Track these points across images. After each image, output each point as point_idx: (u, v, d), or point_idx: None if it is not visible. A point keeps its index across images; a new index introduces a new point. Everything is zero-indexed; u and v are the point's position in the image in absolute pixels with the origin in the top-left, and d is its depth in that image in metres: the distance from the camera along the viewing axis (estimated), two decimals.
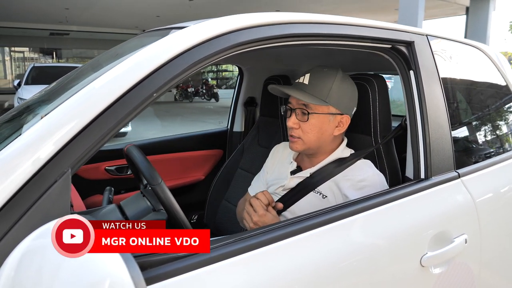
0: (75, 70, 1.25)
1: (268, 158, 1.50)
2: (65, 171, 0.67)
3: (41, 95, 1.22)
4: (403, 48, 1.17)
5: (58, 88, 1.12)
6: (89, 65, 1.32)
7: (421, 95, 1.16)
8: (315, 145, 1.22)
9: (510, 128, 1.56)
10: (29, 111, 1.07)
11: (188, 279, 0.69)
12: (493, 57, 1.53)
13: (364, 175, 1.17)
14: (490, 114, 1.55)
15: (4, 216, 0.62)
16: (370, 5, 11.22)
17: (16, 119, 1.09)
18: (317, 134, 1.19)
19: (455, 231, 1.09)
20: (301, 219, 0.91)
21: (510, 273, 1.30)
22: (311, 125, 1.18)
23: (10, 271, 0.56)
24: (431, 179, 1.12)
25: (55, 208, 0.66)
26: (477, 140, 1.44)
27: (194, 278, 0.70)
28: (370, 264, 0.94)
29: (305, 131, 1.19)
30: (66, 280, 0.51)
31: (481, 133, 1.48)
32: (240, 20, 0.89)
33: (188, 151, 2.26)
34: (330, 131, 1.21)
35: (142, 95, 0.75)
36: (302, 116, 1.19)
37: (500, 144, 1.52)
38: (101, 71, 0.85)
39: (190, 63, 0.80)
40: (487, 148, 1.47)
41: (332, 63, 1.93)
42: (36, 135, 0.67)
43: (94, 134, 0.70)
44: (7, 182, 0.63)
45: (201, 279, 0.71)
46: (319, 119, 1.18)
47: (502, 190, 1.30)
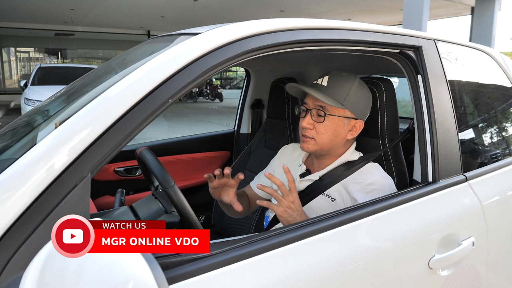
0: (87, 75, 1.27)
1: (275, 156, 1.51)
2: (85, 175, 0.70)
3: (55, 99, 1.24)
4: (411, 52, 1.19)
5: (72, 92, 1.14)
6: (101, 70, 1.34)
7: (428, 99, 1.17)
8: (327, 147, 1.23)
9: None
10: (44, 116, 1.09)
11: (206, 279, 0.71)
12: (500, 60, 1.54)
13: (373, 178, 1.19)
14: (497, 117, 1.56)
15: (27, 219, 0.65)
16: (374, 5, 11.20)
17: (32, 123, 1.11)
18: (330, 136, 1.20)
19: (463, 234, 1.10)
20: (311, 222, 0.93)
21: None
22: (326, 126, 1.19)
23: (35, 273, 0.58)
24: (439, 183, 1.14)
25: (76, 211, 0.68)
26: (484, 143, 1.45)
27: (212, 279, 0.72)
28: (379, 266, 0.95)
29: (319, 132, 1.20)
30: (91, 281, 0.53)
31: (488, 136, 1.49)
32: (251, 26, 0.90)
33: (195, 152, 2.28)
34: (343, 135, 1.22)
35: (158, 101, 0.77)
36: (318, 117, 1.20)
37: (507, 147, 1.53)
38: (116, 77, 0.88)
39: (204, 70, 0.82)
40: (493, 151, 1.48)
41: (338, 65, 1.96)
42: (57, 141, 0.69)
43: (113, 139, 0.72)
44: (30, 185, 0.66)
45: (218, 280, 0.74)
46: (334, 121, 1.19)
47: (508, 193, 1.31)
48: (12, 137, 1.06)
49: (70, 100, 1.02)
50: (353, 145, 1.30)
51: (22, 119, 1.26)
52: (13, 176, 0.67)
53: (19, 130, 1.10)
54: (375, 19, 13.39)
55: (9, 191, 0.65)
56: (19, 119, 1.24)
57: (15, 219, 0.65)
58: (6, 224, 0.64)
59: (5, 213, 0.64)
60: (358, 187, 1.18)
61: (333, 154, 1.26)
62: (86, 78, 1.24)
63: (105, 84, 0.85)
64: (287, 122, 1.99)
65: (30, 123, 1.13)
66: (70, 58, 17.18)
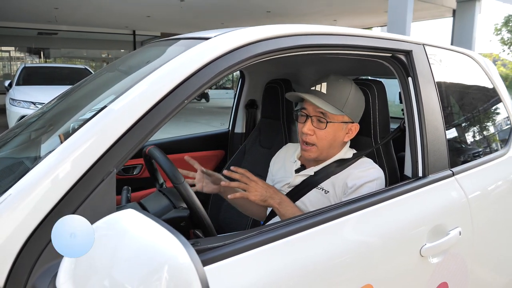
0: (95, 76, 1.31)
1: (273, 157, 1.57)
2: (111, 170, 0.75)
3: (70, 98, 1.27)
4: (402, 56, 1.27)
5: (88, 92, 1.18)
6: (110, 71, 1.39)
7: (418, 100, 1.26)
8: (326, 151, 1.30)
9: (498, 129, 1.68)
10: (66, 114, 1.13)
11: (235, 262, 0.79)
12: (482, 63, 1.64)
13: (364, 168, 1.27)
14: (480, 116, 1.66)
15: (59, 211, 0.70)
16: (359, 7, 11.37)
17: (54, 122, 1.14)
18: (330, 141, 1.28)
19: (450, 224, 1.19)
20: (308, 216, 0.98)
21: (499, 262, 1.41)
22: (327, 133, 1.26)
23: (70, 262, 0.63)
24: (428, 177, 1.22)
25: (103, 204, 0.74)
26: (468, 140, 1.55)
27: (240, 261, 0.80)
28: (376, 255, 1.03)
29: (320, 138, 1.27)
30: (127, 265, 0.59)
31: (472, 134, 1.59)
32: (258, 32, 0.97)
33: (190, 152, 2.33)
34: (341, 138, 1.30)
35: (176, 101, 0.83)
36: (318, 123, 1.26)
37: (489, 144, 1.64)
38: (132, 78, 0.93)
39: (216, 72, 0.88)
40: (477, 148, 1.58)
41: (332, 67, 2.04)
42: (86, 138, 0.75)
43: (135, 137, 0.78)
44: (62, 181, 0.71)
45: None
46: (334, 127, 1.26)
47: (491, 186, 1.41)
48: (35, 133, 1.11)
49: (89, 99, 1.07)
50: (348, 144, 1.37)
51: (40, 117, 1.29)
52: (45, 171, 0.72)
53: (40, 128, 1.15)
54: (360, 21, 13.59)
55: (41, 185, 0.70)
56: (38, 116, 1.27)
57: (49, 211, 0.70)
58: (41, 215, 0.69)
59: (40, 206, 0.69)
60: (352, 176, 1.25)
61: (329, 156, 1.33)
62: (95, 79, 1.28)
63: (123, 85, 0.90)
64: (282, 121, 2.06)
65: (52, 121, 1.18)
66: (53, 57, 16.90)
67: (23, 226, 0.68)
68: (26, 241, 0.68)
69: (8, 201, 0.69)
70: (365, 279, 0.98)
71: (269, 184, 1.24)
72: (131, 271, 0.60)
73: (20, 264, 0.67)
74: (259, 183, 1.20)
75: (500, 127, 1.67)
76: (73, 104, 1.19)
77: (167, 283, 0.57)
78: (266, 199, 1.19)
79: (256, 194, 1.18)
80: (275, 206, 1.21)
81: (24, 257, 0.68)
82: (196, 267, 0.56)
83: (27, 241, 0.68)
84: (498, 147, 1.60)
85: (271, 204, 1.21)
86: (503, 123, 1.67)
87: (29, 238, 0.68)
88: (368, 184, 1.21)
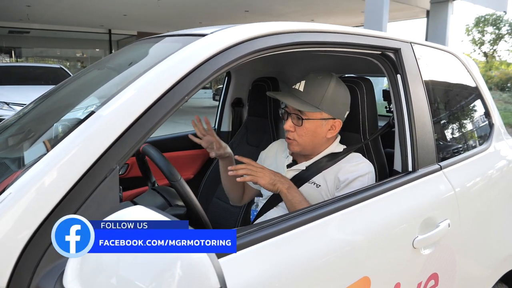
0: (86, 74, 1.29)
1: (265, 150, 1.58)
2: (114, 167, 0.74)
3: (65, 94, 1.24)
4: (391, 54, 1.30)
5: (82, 89, 1.16)
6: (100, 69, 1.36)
7: (407, 96, 1.29)
8: (310, 147, 1.33)
9: (480, 124, 1.74)
10: (65, 109, 1.10)
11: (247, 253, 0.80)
12: (464, 61, 1.70)
13: (355, 162, 1.31)
14: (463, 113, 1.72)
15: (64, 207, 0.69)
16: (336, 7, 11.55)
17: (56, 116, 1.11)
18: (310, 137, 1.31)
19: (440, 217, 1.23)
20: (305, 211, 0.98)
21: (485, 251, 1.47)
22: (305, 129, 1.30)
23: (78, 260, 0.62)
24: (418, 171, 1.26)
25: (107, 200, 0.72)
26: (453, 136, 1.60)
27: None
28: (372, 248, 1.05)
29: (299, 134, 1.30)
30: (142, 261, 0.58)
31: (456, 129, 1.64)
32: (256, 29, 0.98)
33: (176, 151, 2.31)
34: (323, 134, 1.32)
35: (177, 97, 0.82)
36: (297, 121, 1.30)
37: (472, 139, 1.70)
38: (129, 75, 0.92)
39: (216, 68, 0.88)
40: (462, 143, 1.63)
41: (317, 65, 2.06)
42: (90, 132, 0.73)
43: (137, 133, 0.77)
44: (67, 177, 0.70)
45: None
46: (312, 123, 1.29)
47: (475, 179, 1.46)
48: (33, 130, 1.08)
49: (88, 95, 1.05)
50: (337, 139, 1.40)
51: (41, 111, 1.25)
52: (46, 168, 0.70)
53: (39, 124, 1.11)
54: (337, 21, 13.77)
55: (42, 183, 0.69)
56: (34, 110, 1.23)
57: (51, 209, 0.68)
58: (45, 212, 0.67)
59: (42, 204, 0.68)
60: (343, 170, 1.28)
61: (317, 151, 1.36)
62: (90, 76, 1.26)
63: (122, 81, 0.89)
64: (269, 120, 2.08)
65: (51, 117, 1.14)
66: (25, 57, 16.41)
67: (24, 226, 0.67)
68: (28, 240, 0.66)
69: (8, 200, 0.67)
70: (362, 272, 1.01)
71: (275, 172, 1.27)
72: (142, 269, 0.60)
73: (23, 265, 0.66)
74: (265, 169, 1.25)
75: (482, 123, 1.73)
76: (71, 101, 1.17)
77: (180, 279, 0.57)
78: (276, 182, 1.23)
79: (265, 178, 1.22)
80: (283, 190, 1.23)
81: (27, 257, 0.66)
82: (211, 259, 0.56)
83: (30, 240, 0.66)
84: (480, 142, 1.65)
85: (279, 188, 1.23)
86: (484, 119, 1.73)
87: (31, 237, 0.67)
88: (360, 178, 1.24)
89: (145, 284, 0.59)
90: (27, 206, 0.67)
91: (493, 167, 1.59)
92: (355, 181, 1.24)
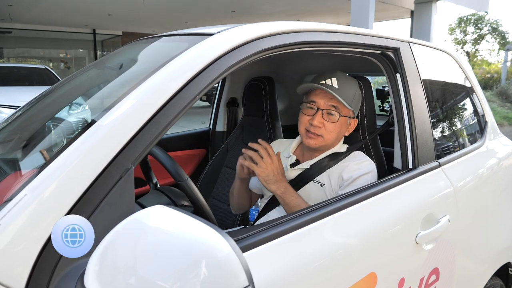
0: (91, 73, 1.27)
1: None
2: (129, 167, 0.74)
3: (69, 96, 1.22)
4: (390, 53, 1.32)
5: (88, 90, 1.14)
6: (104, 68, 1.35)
7: (407, 95, 1.31)
8: (331, 143, 1.34)
9: (474, 121, 1.78)
10: (74, 111, 1.09)
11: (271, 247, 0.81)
12: (458, 60, 1.74)
13: (358, 160, 1.32)
14: (458, 110, 1.76)
15: (80, 209, 0.68)
16: (323, 7, 11.62)
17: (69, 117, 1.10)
18: (337, 134, 1.32)
19: (440, 213, 1.26)
20: (313, 209, 0.99)
21: (483, 245, 1.50)
22: (336, 126, 1.30)
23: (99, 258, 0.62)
24: (418, 169, 1.28)
25: (122, 200, 0.72)
26: (449, 133, 1.63)
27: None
28: (378, 244, 1.07)
29: (328, 131, 1.30)
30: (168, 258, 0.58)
31: (453, 127, 1.68)
32: (263, 28, 0.98)
33: (172, 151, 2.30)
34: (344, 132, 1.35)
35: (189, 96, 0.82)
36: (329, 116, 1.29)
37: (468, 136, 1.74)
38: (137, 75, 0.91)
39: (226, 67, 0.89)
40: (459, 140, 1.67)
41: (314, 65, 2.08)
42: (105, 132, 0.73)
43: (150, 133, 0.77)
44: (82, 178, 0.69)
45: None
46: (342, 121, 1.31)
47: (473, 175, 1.50)
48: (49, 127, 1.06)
49: (99, 94, 1.04)
50: (342, 139, 1.41)
51: (46, 109, 1.22)
52: (61, 169, 0.70)
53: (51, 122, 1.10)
54: (324, 21, 13.81)
55: (58, 184, 0.68)
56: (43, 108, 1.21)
57: (68, 210, 0.68)
58: (62, 213, 0.66)
59: (60, 205, 0.67)
60: (347, 169, 1.30)
61: (327, 148, 1.36)
62: (96, 75, 1.24)
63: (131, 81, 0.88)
64: (266, 119, 2.08)
65: (65, 115, 1.13)
66: (6, 57, 16.04)
67: (41, 228, 0.66)
68: (45, 242, 0.65)
69: (24, 202, 0.66)
70: (369, 268, 1.02)
71: (283, 172, 1.25)
72: (165, 269, 0.59)
73: (41, 267, 0.65)
74: (274, 164, 1.21)
75: (476, 120, 1.77)
76: (81, 101, 1.15)
77: (206, 279, 0.57)
78: (269, 181, 1.21)
79: (263, 170, 1.20)
80: (277, 193, 1.22)
81: (45, 259, 0.65)
82: (238, 255, 0.56)
83: (47, 242, 0.66)
84: (475, 139, 1.69)
85: (272, 190, 1.22)
86: (479, 117, 1.77)
87: (48, 239, 0.66)
88: (364, 177, 1.26)
89: (168, 283, 0.58)
90: (43, 207, 0.66)
91: (487, 164, 1.63)
92: (358, 179, 1.25)
